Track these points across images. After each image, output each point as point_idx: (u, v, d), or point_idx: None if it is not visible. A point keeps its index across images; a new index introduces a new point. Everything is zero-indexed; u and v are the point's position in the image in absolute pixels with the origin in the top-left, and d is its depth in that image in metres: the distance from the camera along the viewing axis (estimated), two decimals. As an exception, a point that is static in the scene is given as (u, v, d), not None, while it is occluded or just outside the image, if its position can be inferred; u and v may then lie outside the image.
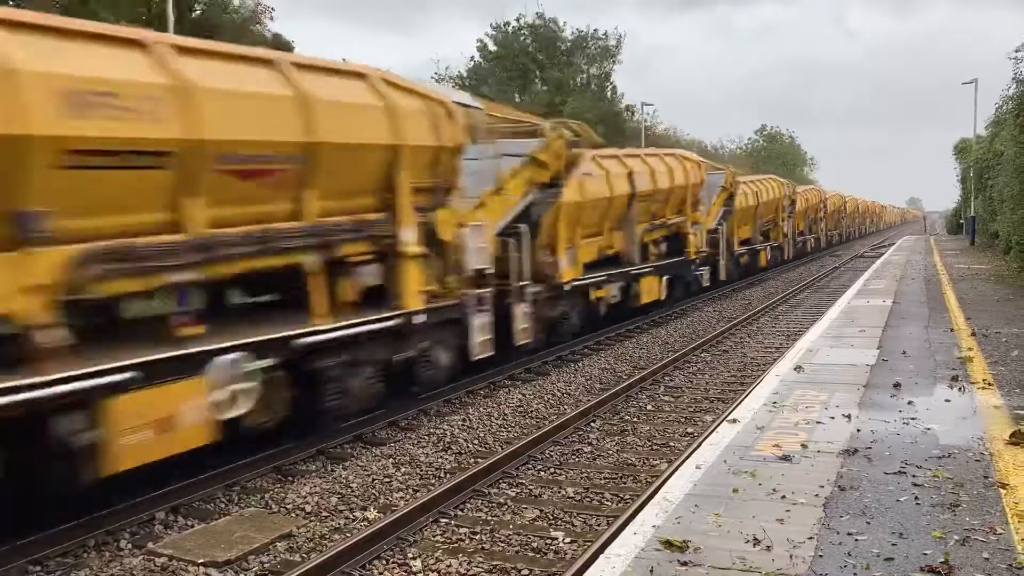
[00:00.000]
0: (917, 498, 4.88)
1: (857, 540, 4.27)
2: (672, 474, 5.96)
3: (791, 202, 33.03)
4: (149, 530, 6.34)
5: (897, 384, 8.02)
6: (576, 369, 12.50)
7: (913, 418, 6.74)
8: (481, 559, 5.76)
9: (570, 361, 13.11)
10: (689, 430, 9.12)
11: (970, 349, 10.05)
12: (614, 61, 56.13)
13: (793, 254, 34.24)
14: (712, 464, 5.65)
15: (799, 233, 36.35)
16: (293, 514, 6.67)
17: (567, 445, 8.58)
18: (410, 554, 5.88)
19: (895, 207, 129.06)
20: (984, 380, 8.19)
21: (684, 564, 4.04)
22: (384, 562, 5.78)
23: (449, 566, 5.65)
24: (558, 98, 49.04)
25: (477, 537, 6.20)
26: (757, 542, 4.27)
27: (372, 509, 6.78)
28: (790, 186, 33.92)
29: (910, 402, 7.31)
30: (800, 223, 36.51)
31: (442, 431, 8.99)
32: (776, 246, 31.43)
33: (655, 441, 8.76)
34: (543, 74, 53.77)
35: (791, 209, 33.28)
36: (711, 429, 7.54)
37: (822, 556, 4.08)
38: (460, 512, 6.74)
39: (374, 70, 9.02)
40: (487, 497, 7.07)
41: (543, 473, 7.75)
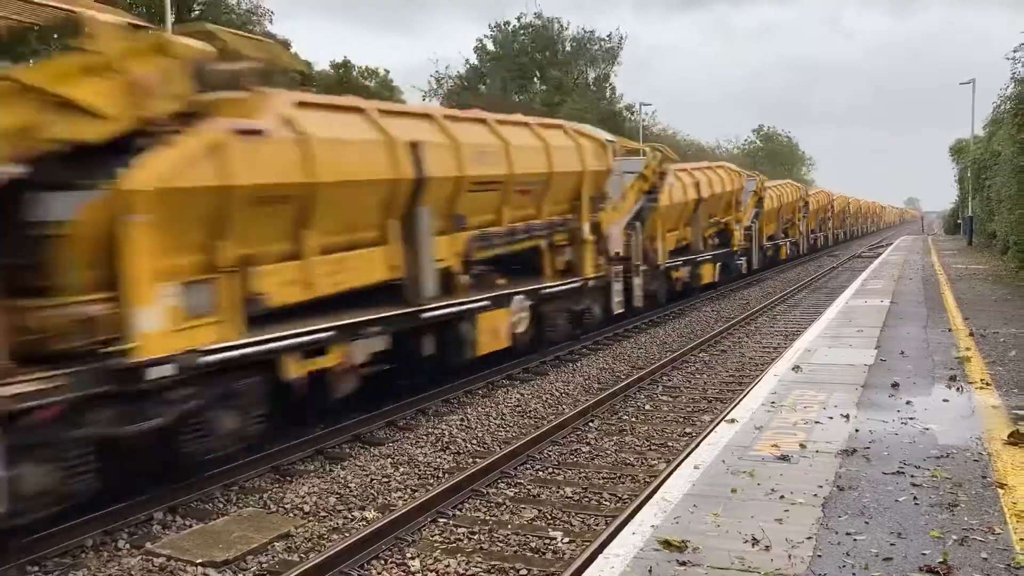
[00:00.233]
0: (915, 498, 4.89)
1: (856, 540, 4.28)
2: (671, 474, 5.97)
3: (805, 204, 36.69)
4: (147, 530, 6.34)
5: (895, 384, 8.03)
6: (574, 369, 12.51)
7: (911, 418, 6.75)
8: (480, 559, 5.76)
9: (568, 361, 13.11)
10: (687, 430, 9.13)
11: (968, 349, 10.06)
12: (614, 63, 56.17)
13: (807, 249, 38.51)
14: (711, 464, 5.66)
15: (812, 231, 40.12)
16: (291, 514, 6.67)
17: (565, 445, 8.58)
18: (408, 554, 5.88)
19: (894, 207, 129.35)
20: (982, 380, 8.20)
21: (683, 564, 4.05)
22: (382, 562, 5.78)
23: (448, 566, 5.65)
24: (557, 98, 49.04)
25: (476, 537, 6.20)
26: (756, 542, 4.27)
27: (370, 509, 6.78)
28: (804, 189, 38.16)
29: (908, 402, 7.32)
30: (812, 222, 40.15)
31: (440, 431, 8.99)
32: (794, 242, 35.39)
33: (653, 441, 8.76)
34: (542, 74, 53.75)
35: (806, 210, 37.16)
36: (709, 429, 7.54)
37: (821, 556, 4.08)
38: (458, 512, 6.74)
39: (568, 123, 13.85)
40: (485, 497, 7.07)
41: (541, 473, 7.75)
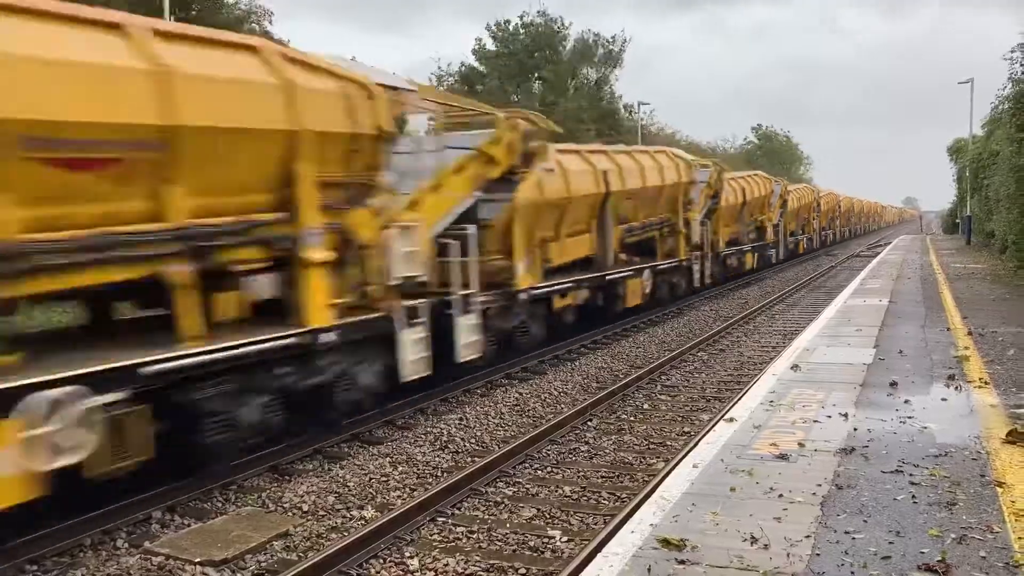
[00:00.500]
0: (914, 497, 4.89)
1: (854, 539, 4.28)
2: (669, 473, 5.96)
3: (783, 201, 32.32)
4: (146, 529, 6.34)
5: (894, 383, 8.03)
6: (573, 368, 12.51)
7: (910, 417, 6.75)
8: (478, 558, 5.76)
9: (567, 360, 13.11)
10: (686, 429, 9.13)
11: (966, 348, 10.06)
12: (616, 65, 56.13)
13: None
14: (709, 463, 5.65)
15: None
16: (290, 513, 6.66)
17: (564, 444, 8.58)
18: (407, 553, 5.88)
19: (893, 207, 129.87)
20: (980, 379, 8.21)
21: (682, 563, 4.04)
22: (381, 561, 5.78)
23: (446, 565, 5.65)
24: (550, 97, 49.01)
25: (474, 536, 6.20)
26: (754, 541, 4.27)
27: (369, 508, 6.77)
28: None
29: (907, 401, 7.32)
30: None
31: (439, 430, 8.99)
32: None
33: (652, 440, 8.76)
34: (540, 73, 53.71)
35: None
36: (708, 428, 7.55)
37: (819, 555, 4.08)
38: (457, 511, 6.73)
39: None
40: (484, 496, 7.06)
41: (540, 472, 7.75)
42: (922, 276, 21.26)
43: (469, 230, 10.40)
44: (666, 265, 18.43)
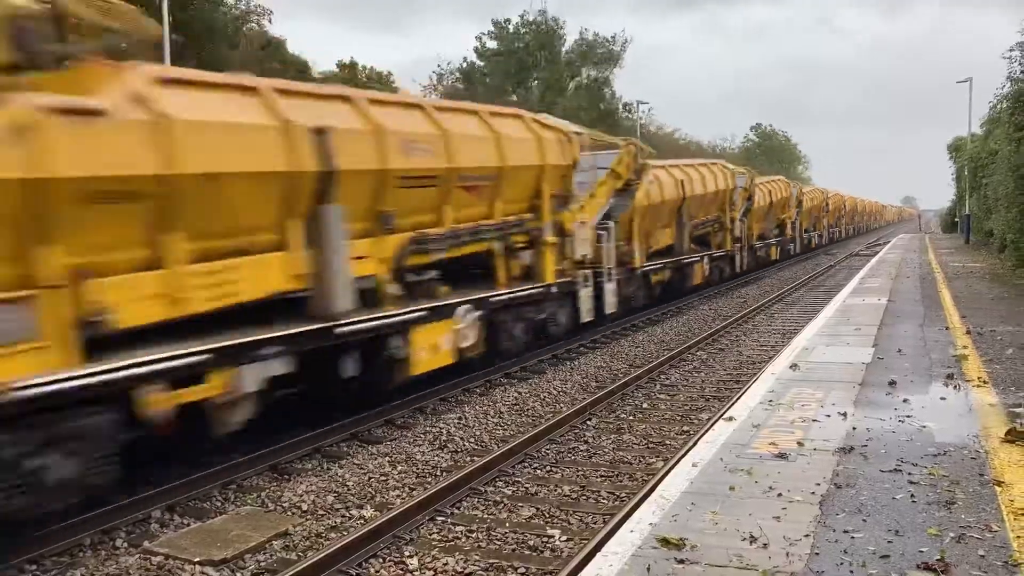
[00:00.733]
0: (913, 496, 4.90)
1: (853, 538, 4.28)
2: (669, 472, 5.96)
3: (799, 202, 36.88)
4: (145, 529, 6.34)
5: (893, 382, 8.04)
6: (572, 367, 12.51)
7: (909, 416, 6.76)
8: (478, 557, 5.76)
9: (566, 359, 13.12)
10: (685, 428, 9.13)
11: (965, 347, 10.07)
12: (616, 65, 56.17)
13: (800, 248, 38.48)
14: (709, 462, 5.66)
15: (805, 230, 40.10)
16: (289, 512, 6.66)
17: (563, 443, 8.58)
18: (407, 552, 5.88)
19: (893, 206, 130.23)
20: (979, 378, 8.22)
21: (681, 562, 4.05)
22: (381, 560, 5.78)
23: (446, 564, 5.65)
24: (547, 96, 49.01)
25: (474, 535, 6.20)
26: (754, 540, 4.27)
27: (368, 507, 6.77)
28: (797, 186, 38.07)
29: (905, 400, 7.32)
30: (806, 221, 40.13)
31: (438, 429, 8.99)
32: (786, 239, 35.07)
33: (651, 439, 8.76)
34: (540, 72, 53.71)
35: (799, 208, 36.96)
36: (707, 427, 7.55)
37: (818, 554, 4.09)
38: (456, 510, 6.74)
39: (526, 113, 12.62)
40: (483, 495, 7.07)
41: (539, 471, 7.75)
42: (921, 275, 21.28)
43: (610, 224, 15.02)
44: (719, 254, 23.40)
